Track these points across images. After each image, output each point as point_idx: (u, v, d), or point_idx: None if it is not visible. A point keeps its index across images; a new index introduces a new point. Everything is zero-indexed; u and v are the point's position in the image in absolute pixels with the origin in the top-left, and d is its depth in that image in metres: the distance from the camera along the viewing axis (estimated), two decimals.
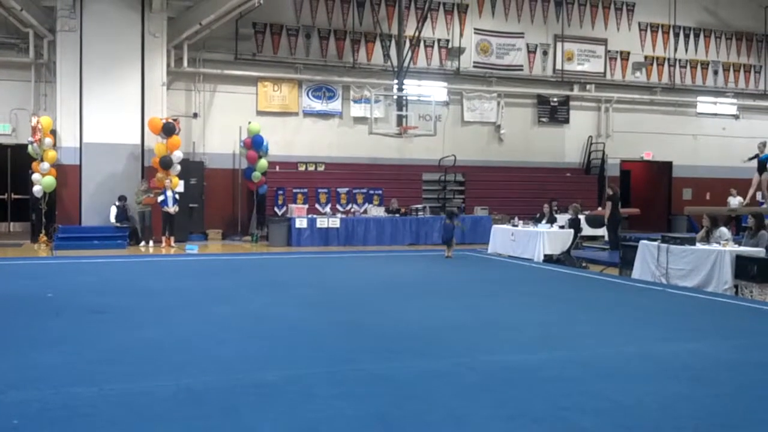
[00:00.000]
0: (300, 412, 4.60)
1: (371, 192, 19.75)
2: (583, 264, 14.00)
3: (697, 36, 24.62)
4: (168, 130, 16.93)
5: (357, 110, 20.77)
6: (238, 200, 19.68)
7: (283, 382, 5.23)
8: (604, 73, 23.51)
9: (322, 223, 17.74)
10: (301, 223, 17.58)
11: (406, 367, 5.77)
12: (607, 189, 17.20)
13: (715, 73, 24.90)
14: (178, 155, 17.11)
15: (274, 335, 6.97)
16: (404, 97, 19.07)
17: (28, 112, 17.56)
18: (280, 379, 5.32)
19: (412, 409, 4.70)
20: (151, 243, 16.89)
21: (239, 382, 5.21)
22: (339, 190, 19.56)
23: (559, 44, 22.80)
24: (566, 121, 23.16)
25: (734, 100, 25.03)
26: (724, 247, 10.64)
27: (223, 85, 19.68)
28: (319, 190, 19.41)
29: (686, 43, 24.50)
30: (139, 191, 16.96)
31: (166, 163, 16.93)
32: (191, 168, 18.36)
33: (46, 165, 16.44)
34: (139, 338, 6.71)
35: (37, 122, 16.36)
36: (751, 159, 16.81)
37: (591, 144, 23.31)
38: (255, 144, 18.59)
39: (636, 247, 11.94)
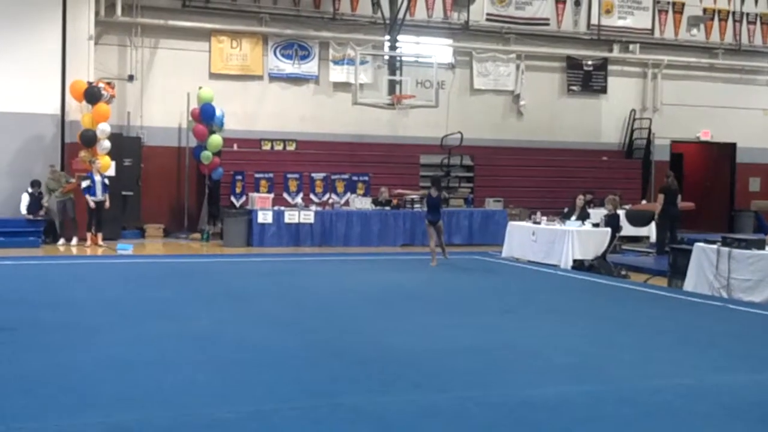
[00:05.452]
0: None
1: (355, 178, 19.72)
2: (623, 272, 14.07)
3: None
4: (91, 96, 16.85)
5: (338, 74, 20.72)
6: (184, 187, 19.63)
7: (241, 421, 5.23)
8: (652, 29, 23.55)
9: (291, 217, 17.71)
10: (264, 217, 17.52)
11: (399, 402, 5.77)
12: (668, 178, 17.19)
13: None
14: (105, 129, 17.02)
15: (230, 360, 6.96)
16: (398, 58, 19.04)
17: None
18: (238, 416, 5.32)
19: None
20: (73, 241, 16.82)
21: (185, 420, 5.21)
22: (314, 175, 19.51)
23: None
24: (603, 90, 23.21)
25: None
26: None
27: (167, 40, 19.60)
28: (289, 176, 19.36)
29: None
30: (50, 180, 16.90)
31: (88, 139, 16.85)
32: (125, 145, 18.27)
33: None
34: (58, 363, 6.68)
35: None
36: None
37: (634, 120, 23.39)
38: (206, 115, 18.51)
39: (689, 252, 11.98)
